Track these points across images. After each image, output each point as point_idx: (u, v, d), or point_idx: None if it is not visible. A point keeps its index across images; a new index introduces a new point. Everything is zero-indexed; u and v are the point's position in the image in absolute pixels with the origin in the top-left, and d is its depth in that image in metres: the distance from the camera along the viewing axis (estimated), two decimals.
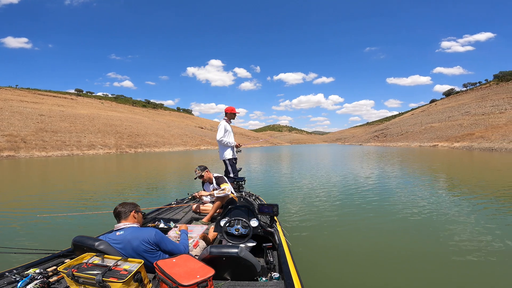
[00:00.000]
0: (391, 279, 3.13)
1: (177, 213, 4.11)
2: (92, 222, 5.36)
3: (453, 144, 48.03)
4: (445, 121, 74.25)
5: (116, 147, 56.74)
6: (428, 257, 3.62)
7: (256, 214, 2.90)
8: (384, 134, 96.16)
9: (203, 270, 1.65)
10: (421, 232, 4.65)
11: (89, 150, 51.02)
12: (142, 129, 77.94)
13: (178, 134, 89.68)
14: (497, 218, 5.31)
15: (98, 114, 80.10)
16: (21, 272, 1.90)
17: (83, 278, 1.54)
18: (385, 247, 4.06)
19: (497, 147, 33.74)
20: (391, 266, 3.46)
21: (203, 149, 76.77)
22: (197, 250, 2.46)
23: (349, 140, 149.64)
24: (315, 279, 3.08)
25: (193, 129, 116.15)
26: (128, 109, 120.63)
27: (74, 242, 2.01)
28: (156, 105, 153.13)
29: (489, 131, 47.77)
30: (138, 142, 64.58)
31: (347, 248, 4.07)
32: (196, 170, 4.29)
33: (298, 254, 2.90)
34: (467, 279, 3.14)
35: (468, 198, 7.15)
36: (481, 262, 3.48)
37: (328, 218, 5.59)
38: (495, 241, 4.12)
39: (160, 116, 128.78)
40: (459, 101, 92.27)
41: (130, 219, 2.14)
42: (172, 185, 11.03)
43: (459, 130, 60.40)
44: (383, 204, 6.65)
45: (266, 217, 3.37)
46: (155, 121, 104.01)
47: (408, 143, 66.45)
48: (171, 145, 72.76)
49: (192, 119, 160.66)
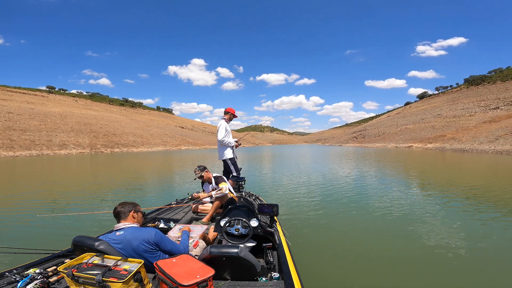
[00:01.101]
0: (391, 279, 3.14)
1: (177, 213, 4.11)
2: (92, 222, 5.33)
3: (427, 145, 50.20)
4: (419, 123, 77.66)
5: (90, 147, 54.17)
6: (429, 257, 3.62)
7: (256, 214, 2.90)
8: (363, 135, 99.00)
9: (203, 270, 1.65)
10: (420, 232, 4.67)
11: (61, 150, 48.33)
12: (119, 128, 75.07)
13: (158, 133, 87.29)
14: (465, 216, 5.64)
15: (71, 112, 76.30)
16: (21, 272, 1.90)
17: (83, 278, 1.53)
18: (385, 247, 4.07)
19: (468, 148, 35.59)
20: (391, 266, 3.47)
21: (184, 149, 75.27)
22: (197, 250, 2.45)
23: (329, 140, 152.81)
24: (315, 279, 3.08)
25: (173, 129, 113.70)
26: (105, 107, 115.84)
27: (74, 242, 1.99)
28: (135, 104, 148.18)
29: (459, 132, 50.42)
30: (115, 142, 62.07)
31: (347, 248, 4.08)
32: (195, 171, 4.31)
33: (298, 254, 2.90)
34: (467, 279, 3.16)
35: (464, 199, 7.53)
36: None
37: (328, 218, 5.60)
38: (467, 238, 4.37)
39: (138, 115, 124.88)
40: (432, 104, 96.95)
41: (129, 219, 2.12)
42: (170, 185, 10.81)
43: (432, 131, 63.37)
44: (382, 204, 6.71)
45: (266, 217, 3.37)
46: (133, 120, 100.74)
47: (385, 144, 68.77)
48: (150, 145, 70.62)
49: (173, 118, 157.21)
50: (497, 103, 67.63)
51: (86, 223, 5.36)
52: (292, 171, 14.99)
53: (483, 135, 39.85)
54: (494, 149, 31.27)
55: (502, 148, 30.50)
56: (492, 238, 4.39)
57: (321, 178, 11.68)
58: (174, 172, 16.53)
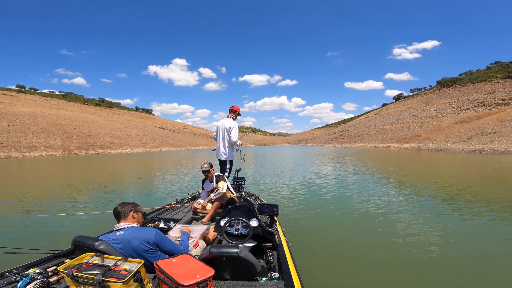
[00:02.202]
0: (390, 279, 3.14)
1: (177, 213, 4.08)
2: (92, 222, 5.31)
3: (403, 145, 52.05)
4: (396, 123, 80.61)
5: (63, 149, 51.25)
6: (430, 258, 3.61)
7: (256, 214, 2.89)
8: (343, 135, 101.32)
9: (203, 270, 1.65)
10: (421, 232, 4.66)
11: (30, 152, 45.33)
12: (95, 129, 71.78)
13: (137, 134, 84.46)
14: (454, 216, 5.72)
15: (42, 112, 72.01)
16: (21, 272, 1.89)
17: (83, 278, 1.52)
18: (385, 246, 4.07)
19: (442, 148, 37.19)
20: (391, 265, 3.47)
21: (165, 150, 73.26)
22: (197, 250, 2.43)
23: (311, 141, 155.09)
24: (315, 279, 3.07)
25: (153, 130, 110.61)
26: (79, 107, 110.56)
27: (74, 242, 1.98)
28: (112, 104, 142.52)
29: (433, 133, 52.72)
30: (90, 143, 59.21)
31: (347, 248, 4.07)
32: (205, 163, 4.23)
33: (298, 254, 2.90)
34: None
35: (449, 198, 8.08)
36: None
37: (328, 218, 5.61)
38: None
39: (116, 115, 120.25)
40: (407, 105, 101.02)
41: (129, 219, 2.10)
42: (170, 185, 10.67)
43: (408, 132, 65.94)
44: (381, 204, 6.75)
45: (266, 217, 3.36)
46: (110, 120, 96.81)
47: (364, 144, 70.69)
48: (128, 146, 68.09)
49: (153, 119, 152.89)
50: (468, 104, 71.58)
51: (86, 223, 5.34)
52: (291, 171, 14.94)
53: (456, 135, 41.85)
54: (467, 148, 32.87)
55: (475, 147, 32.13)
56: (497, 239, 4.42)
57: (320, 178, 11.74)
58: (174, 172, 16.19)
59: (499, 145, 29.60)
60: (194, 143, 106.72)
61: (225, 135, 5.18)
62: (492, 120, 40.86)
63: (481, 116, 53.79)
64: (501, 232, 4.61)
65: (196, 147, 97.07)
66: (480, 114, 56.89)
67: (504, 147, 28.48)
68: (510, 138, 30.74)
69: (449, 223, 5.17)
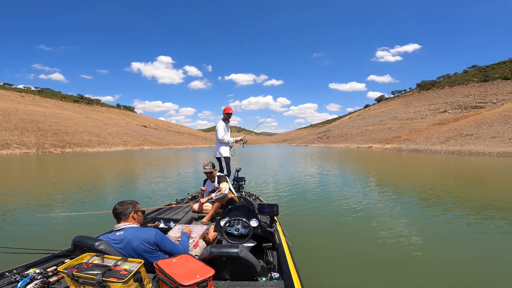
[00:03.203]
0: (390, 278, 3.14)
1: (177, 213, 4.08)
2: (92, 222, 5.25)
3: (385, 146, 53.39)
4: (378, 124, 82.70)
5: (37, 147, 48.60)
6: (432, 260, 3.60)
7: (256, 214, 2.89)
8: (327, 136, 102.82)
9: (203, 270, 1.65)
10: (421, 233, 4.67)
11: (2, 149, 42.70)
12: (72, 126, 68.69)
13: (117, 132, 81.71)
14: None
15: (15, 108, 68.06)
16: (21, 272, 1.89)
17: (83, 278, 1.52)
18: (386, 247, 4.06)
19: (422, 149, 38.38)
20: (391, 265, 3.48)
21: (147, 149, 71.33)
22: (197, 250, 2.42)
23: (295, 141, 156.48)
24: (315, 279, 3.07)
25: (135, 128, 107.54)
26: (56, 104, 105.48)
27: (74, 242, 1.97)
28: (91, 101, 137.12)
29: (413, 134, 54.43)
30: (66, 141, 56.57)
31: (347, 248, 4.08)
32: (207, 164, 4.26)
33: (298, 254, 2.91)
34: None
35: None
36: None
37: (328, 218, 5.61)
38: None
39: (95, 112, 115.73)
40: (388, 106, 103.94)
41: (129, 220, 2.08)
42: (170, 185, 10.54)
43: (389, 133, 67.78)
44: (381, 203, 6.84)
45: (266, 217, 3.36)
46: (89, 118, 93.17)
47: (348, 144, 72.01)
48: (108, 144, 65.67)
49: (135, 117, 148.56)
50: (445, 107, 74.53)
51: (86, 223, 5.29)
52: (290, 171, 14.96)
53: (435, 136, 43.35)
54: (446, 149, 34.08)
55: (453, 148, 33.36)
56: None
57: (318, 179, 11.85)
58: (173, 172, 15.97)
59: (476, 147, 30.88)
60: (178, 141, 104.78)
61: (216, 135, 5.61)
62: (469, 123, 42.66)
63: (457, 118, 56.09)
64: (483, 231, 4.77)
65: (180, 146, 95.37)
66: (456, 117, 59.33)
67: (481, 148, 29.72)
68: (486, 140, 32.16)
69: (446, 223, 5.24)
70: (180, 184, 10.52)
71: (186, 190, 7.33)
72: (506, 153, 26.04)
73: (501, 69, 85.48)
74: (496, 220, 5.29)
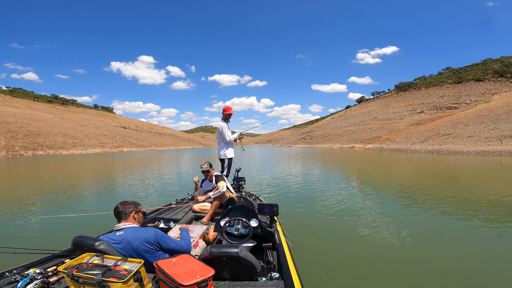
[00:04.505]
0: (390, 279, 3.12)
1: (177, 213, 4.08)
2: (92, 222, 5.23)
3: (367, 146, 54.45)
4: (359, 125, 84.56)
5: (6, 149, 45.48)
6: (433, 260, 3.56)
7: (256, 214, 2.89)
8: (310, 136, 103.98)
9: (203, 270, 1.66)
10: (418, 233, 4.63)
11: None
12: (45, 127, 65.05)
13: (94, 134, 78.32)
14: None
15: None
16: (21, 272, 1.89)
17: (83, 278, 1.52)
18: (386, 247, 4.02)
19: (403, 148, 39.33)
20: (391, 265, 3.45)
21: (126, 151, 68.77)
22: (197, 250, 2.41)
23: (279, 141, 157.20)
24: (315, 279, 3.05)
25: (113, 129, 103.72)
26: (27, 104, 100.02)
27: (74, 242, 1.97)
28: (67, 101, 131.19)
29: (393, 134, 55.91)
30: (38, 143, 53.39)
31: (347, 248, 4.04)
32: (205, 163, 4.31)
33: (298, 254, 2.85)
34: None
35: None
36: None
37: (329, 218, 5.58)
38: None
39: (71, 113, 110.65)
40: (369, 107, 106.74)
41: (130, 220, 2.07)
42: (170, 185, 10.50)
43: (370, 133, 69.41)
44: (381, 204, 6.81)
45: (266, 217, 3.38)
46: (63, 119, 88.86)
47: (331, 144, 73.01)
48: (84, 146, 62.69)
49: (113, 118, 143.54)
50: (422, 107, 77.43)
51: (86, 223, 5.26)
52: (289, 171, 14.79)
53: (414, 136, 44.64)
54: (425, 149, 35.07)
55: (432, 148, 34.36)
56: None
57: (318, 179, 11.81)
58: (171, 173, 15.59)
59: (454, 146, 31.95)
60: (159, 143, 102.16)
61: (219, 137, 5.58)
62: (445, 123, 44.27)
63: (433, 119, 58.25)
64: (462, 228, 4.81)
65: (162, 147, 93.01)
66: (432, 117, 61.63)
67: (459, 147, 30.75)
68: (464, 139, 33.39)
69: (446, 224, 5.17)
70: (180, 184, 10.44)
71: (186, 191, 7.18)
72: (483, 151, 26.96)
73: (474, 71, 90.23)
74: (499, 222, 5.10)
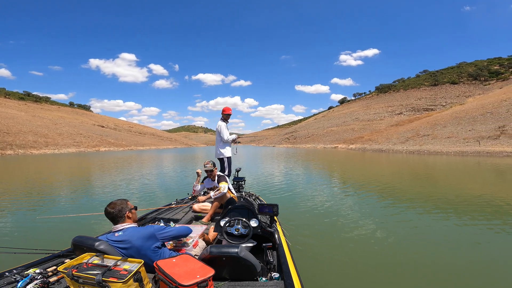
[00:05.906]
0: (390, 279, 3.10)
1: (177, 213, 4.06)
2: (92, 222, 5.22)
3: (350, 146, 55.29)
4: (341, 125, 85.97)
5: None
6: (432, 260, 3.56)
7: (256, 214, 2.90)
8: (294, 136, 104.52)
9: (203, 270, 1.66)
10: (418, 234, 4.63)
11: None
12: (15, 125, 60.95)
13: (69, 133, 74.42)
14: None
15: None
16: (21, 272, 1.89)
17: (83, 278, 1.53)
18: (386, 247, 4.03)
19: (385, 149, 40.11)
20: (391, 265, 3.43)
21: (104, 150, 65.86)
22: (197, 250, 2.40)
23: (263, 141, 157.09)
24: (315, 279, 3.03)
25: (90, 128, 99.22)
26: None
27: (74, 242, 1.98)
28: (40, 99, 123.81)
29: (374, 134, 57.10)
30: (7, 142, 49.83)
31: (348, 248, 4.04)
32: (208, 163, 4.30)
33: (298, 254, 2.88)
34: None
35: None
36: None
37: (329, 218, 5.59)
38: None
39: (44, 111, 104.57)
40: (351, 108, 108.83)
41: (126, 221, 2.06)
42: (170, 185, 10.56)
43: (352, 133, 70.66)
44: (381, 204, 6.84)
45: (266, 217, 3.36)
46: (35, 116, 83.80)
47: (314, 144, 73.65)
48: (57, 146, 59.30)
49: (90, 116, 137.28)
50: (401, 109, 79.85)
51: (86, 223, 5.24)
52: (289, 171, 14.84)
53: (394, 137, 45.70)
54: (406, 149, 35.95)
55: (413, 148, 35.26)
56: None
57: (316, 178, 11.89)
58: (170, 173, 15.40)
59: (434, 146, 32.90)
60: (139, 142, 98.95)
61: (217, 136, 5.68)
62: (423, 124, 45.66)
63: (411, 120, 60.09)
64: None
65: (142, 147, 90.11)
66: (411, 118, 63.61)
67: (439, 148, 31.70)
68: (442, 140, 34.46)
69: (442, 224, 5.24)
70: (180, 185, 10.45)
71: (186, 191, 7.08)
72: (462, 152, 27.91)
73: (449, 74, 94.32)
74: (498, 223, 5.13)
